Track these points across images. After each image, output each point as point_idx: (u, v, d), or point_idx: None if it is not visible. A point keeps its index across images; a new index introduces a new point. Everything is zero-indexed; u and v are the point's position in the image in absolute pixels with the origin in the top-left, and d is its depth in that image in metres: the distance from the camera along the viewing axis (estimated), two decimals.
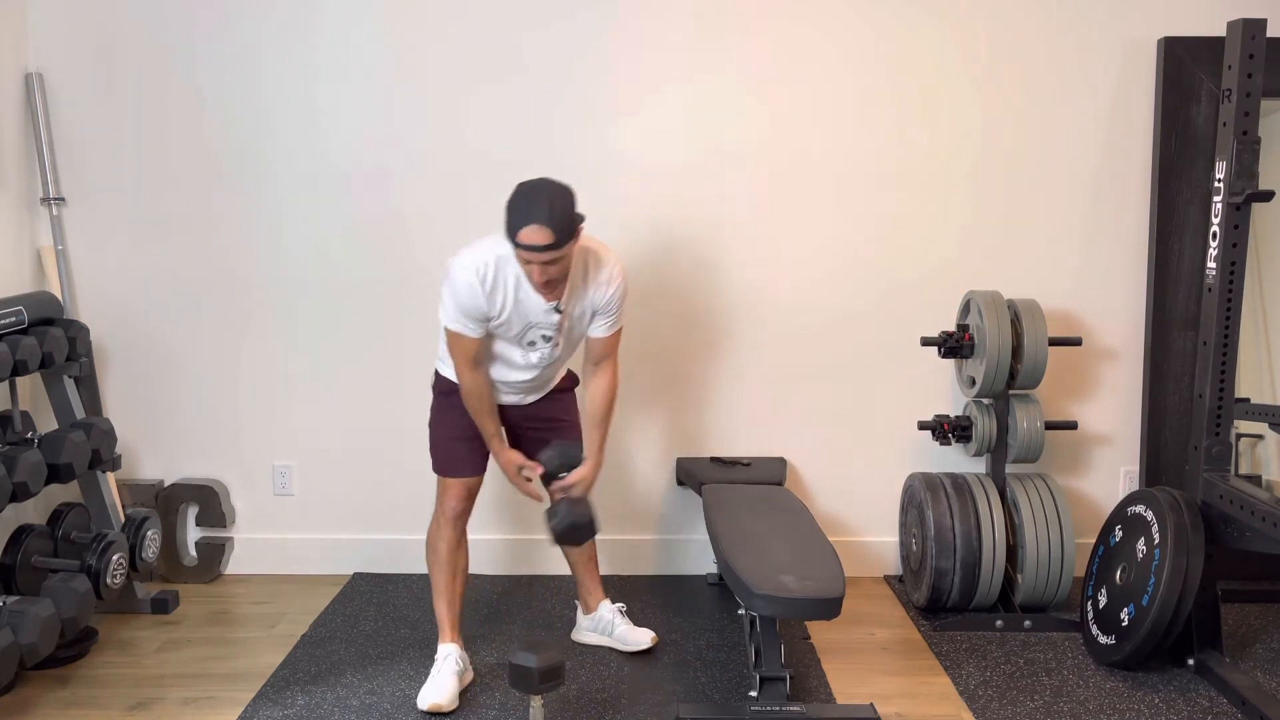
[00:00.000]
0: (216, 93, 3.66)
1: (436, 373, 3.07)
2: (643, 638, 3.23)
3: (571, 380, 3.18)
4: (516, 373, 2.96)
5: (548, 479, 3.01)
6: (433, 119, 3.66)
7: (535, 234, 2.61)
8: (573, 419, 3.13)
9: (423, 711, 2.84)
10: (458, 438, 3.00)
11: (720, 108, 3.67)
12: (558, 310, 2.82)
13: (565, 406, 3.15)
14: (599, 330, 2.95)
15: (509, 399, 3.02)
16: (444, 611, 3.04)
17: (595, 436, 3.03)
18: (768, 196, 3.72)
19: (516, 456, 2.98)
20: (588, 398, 3.05)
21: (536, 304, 2.79)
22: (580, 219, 2.70)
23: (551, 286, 2.74)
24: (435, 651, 3.02)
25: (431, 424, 3.07)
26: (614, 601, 3.32)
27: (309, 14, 3.63)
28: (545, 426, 3.07)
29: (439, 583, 3.05)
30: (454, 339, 2.84)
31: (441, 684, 2.89)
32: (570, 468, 2.96)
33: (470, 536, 3.07)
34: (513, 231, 2.65)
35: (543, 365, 2.96)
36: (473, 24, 3.62)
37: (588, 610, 3.31)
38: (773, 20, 3.64)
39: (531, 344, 2.89)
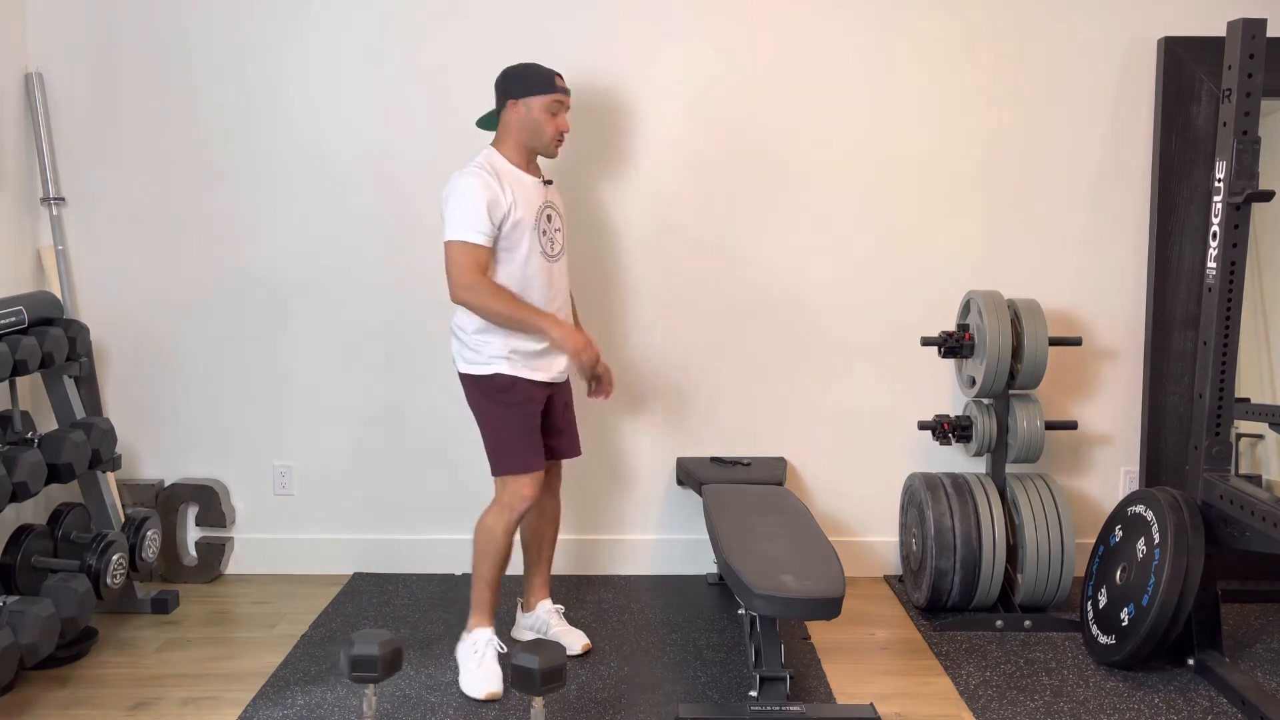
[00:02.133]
0: (217, 93, 3.66)
1: (471, 377, 3.00)
2: (575, 641, 3.22)
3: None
4: (553, 293, 3.01)
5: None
6: (434, 118, 3.66)
7: (563, 81, 2.98)
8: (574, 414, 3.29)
9: (479, 700, 2.91)
10: (525, 432, 3.02)
11: (720, 109, 3.67)
12: (549, 183, 3.05)
13: (572, 398, 3.28)
14: None
15: (554, 361, 3.04)
16: (489, 597, 3.04)
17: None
18: (768, 197, 3.72)
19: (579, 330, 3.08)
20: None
21: (530, 180, 2.99)
22: None
23: (561, 144, 3.01)
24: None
25: (492, 427, 3.01)
26: (555, 603, 3.35)
27: (309, 14, 3.63)
28: (570, 417, 3.24)
29: (489, 571, 3.02)
30: (465, 253, 2.83)
31: (490, 670, 2.96)
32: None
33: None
34: (546, 80, 2.95)
35: (565, 277, 3.09)
36: (474, 24, 3.62)
37: (527, 608, 3.33)
38: (773, 21, 3.64)
39: (544, 232, 2.98)
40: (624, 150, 3.69)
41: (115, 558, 3.17)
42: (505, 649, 3.03)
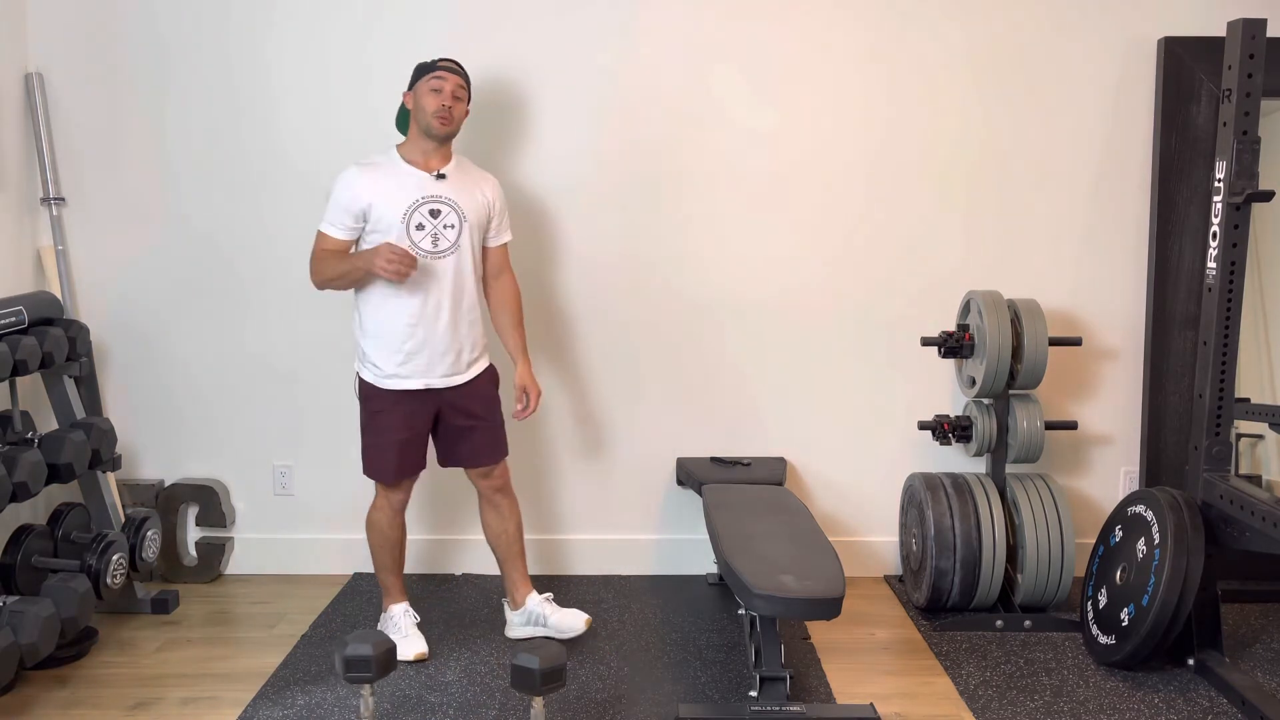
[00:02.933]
0: (217, 92, 3.66)
1: (359, 377, 3.15)
2: (576, 621, 3.27)
3: (493, 376, 3.25)
4: (432, 289, 3.02)
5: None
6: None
7: (448, 63, 3.07)
8: (497, 420, 3.24)
9: (409, 661, 3.13)
10: (381, 443, 3.12)
11: (721, 108, 3.67)
12: (441, 176, 3.04)
13: (490, 405, 3.22)
14: (496, 239, 3.21)
15: (433, 365, 3.07)
16: (387, 579, 3.27)
17: (517, 337, 3.26)
18: (768, 196, 3.72)
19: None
20: (498, 303, 3.25)
21: (417, 176, 3.03)
22: None
23: (446, 120, 3.01)
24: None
25: (363, 430, 3.17)
26: (541, 592, 3.36)
27: (309, 13, 3.63)
28: (471, 424, 3.17)
29: (379, 559, 3.25)
30: (317, 241, 3.06)
31: (413, 635, 3.20)
32: None
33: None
34: (422, 69, 3.06)
35: (453, 276, 3.04)
36: (475, 24, 3.62)
37: (516, 606, 3.34)
38: (773, 20, 3.64)
39: (420, 226, 3.00)
40: (622, 150, 3.69)
41: (115, 558, 3.17)
42: (419, 617, 3.28)
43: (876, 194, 3.72)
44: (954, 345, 3.55)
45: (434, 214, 3.02)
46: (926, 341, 3.60)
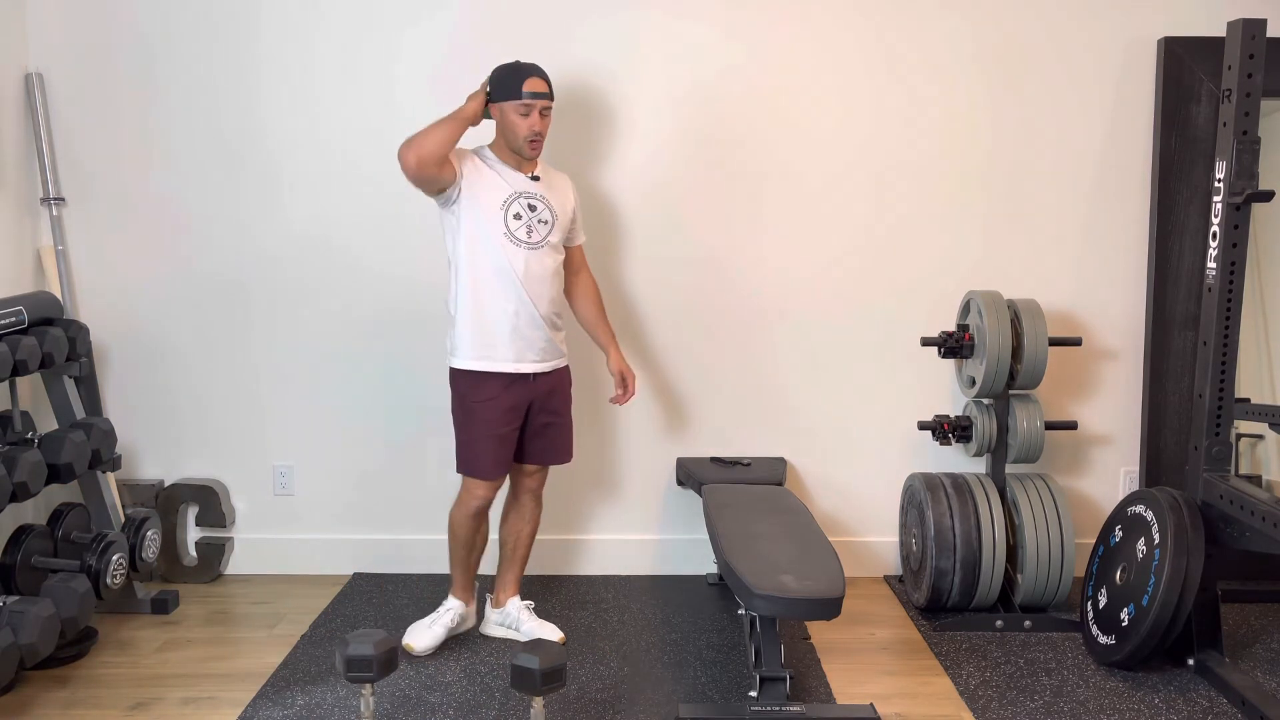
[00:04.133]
0: (216, 92, 3.66)
1: (454, 370, 3.15)
2: (549, 635, 3.27)
3: (570, 375, 3.30)
4: (529, 280, 3.06)
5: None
6: (435, 117, 3.65)
7: (537, 84, 3.04)
8: (569, 419, 3.32)
9: (403, 644, 3.16)
10: (483, 435, 3.12)
11: (718, 111, 3.67)
12: (535, 178, 3.11)
13: (568, 403, 3.31)
14: (575, 240, 3.28)
15: (530, 348, 3.11)
16: (457, 575, 3.30)
17: (605, 327, 3.38)
18: (768, 196, 3.72)
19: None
20: (583, 297, 3.35)
21: (514, 175, 3.08)
22: None
23: (537, 144, 3.06)
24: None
25: (458, 424, 3.18)
26: (524, 599, 3.38)
27: (310, 13, 3.63)
28: (553, 420, 3.25)
29: (456, 553, 3.27)
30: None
31: (434, 631, 3.23)
32: None
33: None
34: (515, 86, 3.02)
35: (543, 265, 3.09)
36: (476, 25, 3.62)
37: (497, 604, 3.36)
38: (773, 20, 3.64)
39: (518, 216, 3.05)
40: (619, 152, 3.69)
41: (115, 558, 3.17)
42: (457, 622, 3.29)
43: (876, 195, 3.72)
44: (954, 345, 3.55)
45: (531, 208, 3.09)
46: (926, 341, 3.60)
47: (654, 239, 3.73)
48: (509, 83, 3.04)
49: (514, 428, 3.16)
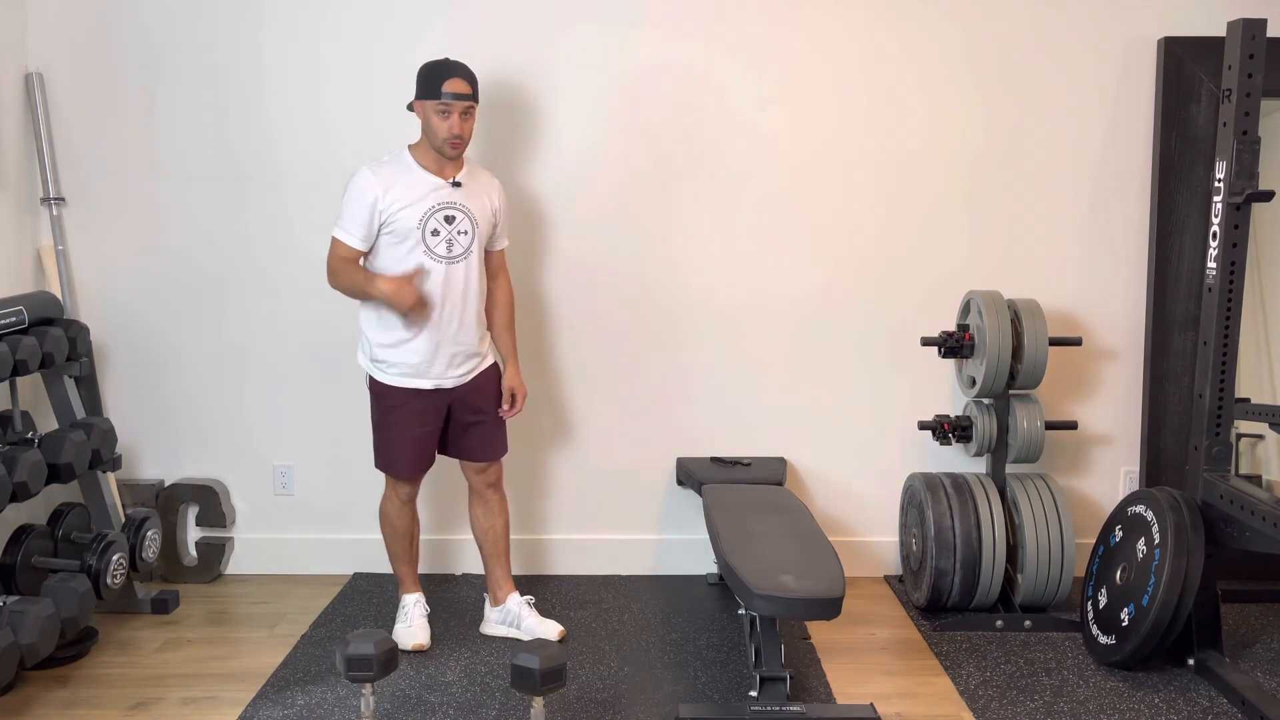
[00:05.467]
0: (217, 93, 3.66)
1: (370, 378, 3.19)
2: (550, 631, 3.27)
3: (498, 373, 3.31)
4: (447, 295, 3.05)
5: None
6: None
7: (457, 84, 2.98)
8: (495, 416, 3.29)
9: (407, 650, 3.19)
10: (394, 438, 3.17)
11: (719, 110, 3.67)
12: (456, 184, 3.05)
13: (495, 401, 3.28)
14: (497, 244, 3.26)
15: (448, 368, 3.12)
16: (400, 569, 3.34)
17: (508, 340, 3.33)
18: (767, 196, 3.72)
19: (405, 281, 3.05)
20: (492, 306, 3.28)
21: (432, 182, 3.03)
22: None
23: (457, 145, 3.01)
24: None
25: (373, 425, 3.22)
26: (523, 594, 3.38)
27: (310, 13, 3.63)
28: (477, 419, 3.24)
29: (392, 548, 3.32)
30: (334, 246, 3.05)
31: (417, 625, 3.27)
32: None
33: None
34: (434, 85, 2.97)
35: (464, 280, 3.07)
36: (479, 27, 3.62)
37: (496, 603, 3.36)
38: (774, 19, 3.64)
39: (435, 232, 3.02)
40: (623, 152, 3.69)
41: (115, 558, 3.17)
42: (430, 609, 3.35)
43: (877, 194, 3.72)
44: (954, 345, 3.55)
45: (449, 220, 3.05)
46: (926, 341, 3.60)
47: (655, 241, 3.73)
48: (430, 80, 3.00)
49: (433, 428, 3.18)
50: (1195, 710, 2.90)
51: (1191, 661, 3.10)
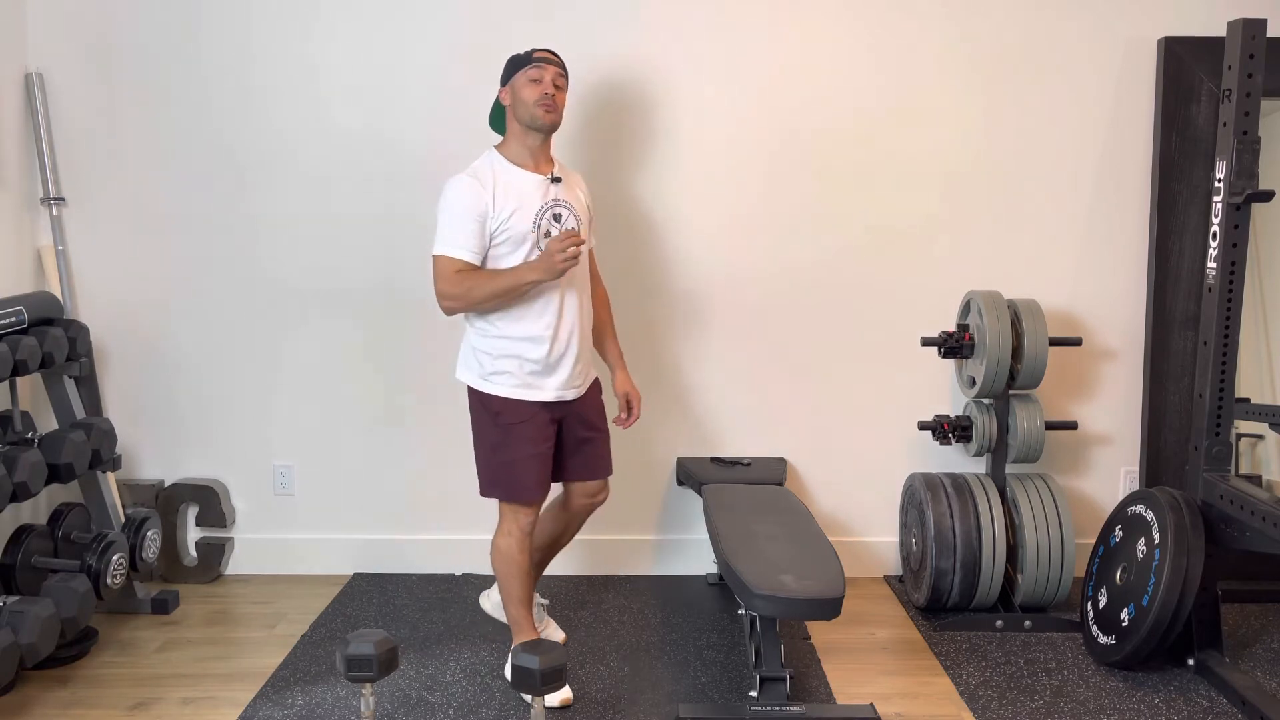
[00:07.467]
0: (217, 92, 3.66)
1: (475, 391, 2.91)
2: (552, 636, 3.23)
3: (600, 385, 3.13)
4: (561, 300, 2.84)
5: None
6: (437, 119, 3.66)
7: (546, 53, 2.87)
8: (606, 429, 3.11)
9: (555, 708, 2.86)
10: (529, 456, 2.88)
11: (720, 110, 3.67)
12: (555, 179, 2.87)
13: (604, 415, 3.11)
14: (590, 242, 3.06)
15: (571, 377, 2.90)
16: (523, 614, 2.99)
17: (615, 346, 3.20)
18: (767, 197, 3.72)
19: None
20: (593, 309, 3.08)
21: (534, 180, 2.84)
22: None
23: (550, 107, 2.82)
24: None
25: (488, 448, 2.91)
26: (543, 597, 3.32)
27: (310, 13, 3.63)
28: (591, 434, 3.04)
29: (514, 589, 2.96)
30: (447, 265, 2.76)
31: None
32: None
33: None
34: (522, 58, 2.86)
35: (581, 282, 2.89)
36: (476, 25, 3.62)
37: None
38: (773, 19, 3.64)
39: (548, 234, 2.81)
40: (622, 150, 3.69)
41: (115, 558, 3.17)
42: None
43: (876, 194, 3.72)
44: (954, 345, 3.55)
45: (557, 219, 2.85)
46: (926, 341, 3.60)
47: (653, 241, 3.73)
48: (516, 58, 2.87)
49: (551, 446, 2.93)
50: (1195, 710, 2.90)
51: (1191, 661, 3.10)
